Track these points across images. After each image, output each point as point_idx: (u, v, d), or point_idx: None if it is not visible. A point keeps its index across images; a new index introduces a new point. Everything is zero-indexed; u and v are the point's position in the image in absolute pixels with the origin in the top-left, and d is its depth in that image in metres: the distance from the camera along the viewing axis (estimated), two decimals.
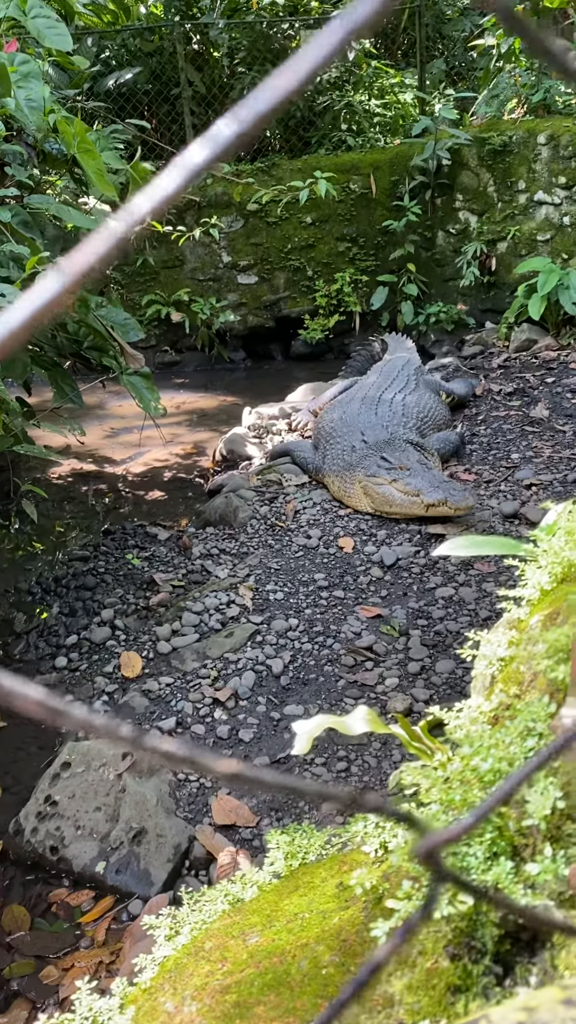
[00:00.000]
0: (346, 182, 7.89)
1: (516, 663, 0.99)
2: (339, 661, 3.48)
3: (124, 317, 4.21)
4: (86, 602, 4.16)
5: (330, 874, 1.02)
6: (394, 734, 1.31)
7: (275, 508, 4.84)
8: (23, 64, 3.74)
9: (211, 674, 3.46)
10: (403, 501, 4.40)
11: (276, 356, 8.70)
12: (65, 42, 4.25)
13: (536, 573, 1.13)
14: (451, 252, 7.95)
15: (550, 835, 0.72)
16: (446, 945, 0.69)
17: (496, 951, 0.69)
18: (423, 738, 1.26)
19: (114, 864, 2.74)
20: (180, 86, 8.35)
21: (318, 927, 0.90)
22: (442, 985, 0.71)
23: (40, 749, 3.38)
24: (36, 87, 3.76)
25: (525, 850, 0.70)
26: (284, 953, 0.87)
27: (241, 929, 0.98)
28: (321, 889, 1.00)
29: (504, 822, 0.73)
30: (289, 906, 1.00)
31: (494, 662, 1.09)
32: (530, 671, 0.93)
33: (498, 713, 1.00)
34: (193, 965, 0.94)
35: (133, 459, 6.39)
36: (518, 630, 1.11)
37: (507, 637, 1.11)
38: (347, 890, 0.95)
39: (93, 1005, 1.06)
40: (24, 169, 3.76)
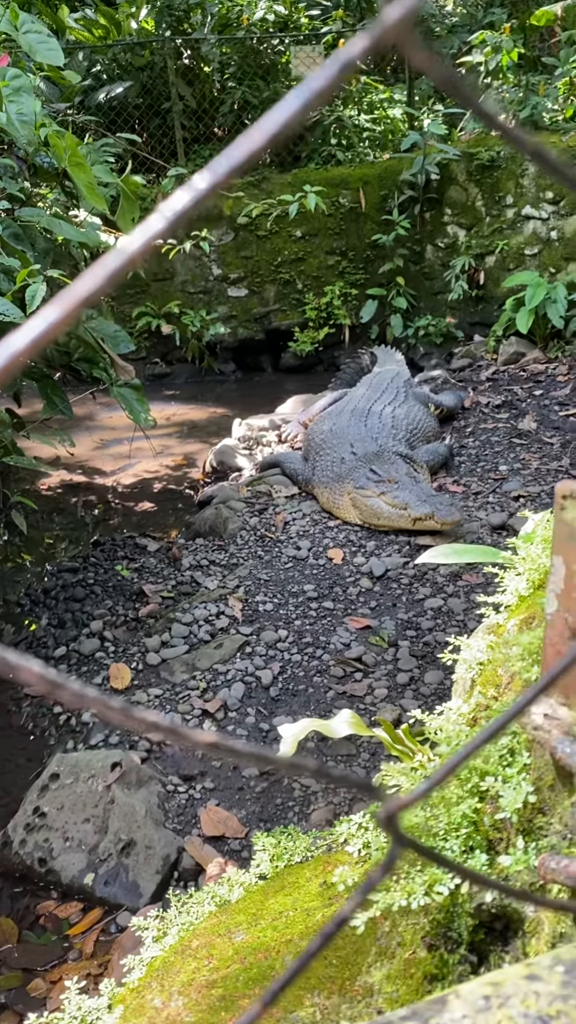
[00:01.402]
0: (336, 196, 7.96)
1: (494, 666, 1.01)
2: (328, 672, 3.49)
3: (115, 329, 4.23)
4: (75, 613, 4.15)
5: (314, 874, 1.03)
6: (377, 737, 1.33)
7: (265, 519, 4.86)
8: (15, 78, 3.77)
9: (200, 685, 3.46)
10: (391, 514, 4.43)
11: (266, 368, 8.73)
12: (56, 57, 4.29)
13: (515, 580, 1.15)
14: (440, 266, 8.02)
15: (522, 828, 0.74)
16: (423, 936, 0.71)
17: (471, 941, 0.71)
18: (405, 740, 1.27)
19: (103, 876, 2.73)
20: (171, 100, 8.42)
21: (302, 924, 0.91)
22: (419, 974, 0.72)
23: (28, 761, 3.37)
24: (27, 101, 3.79)
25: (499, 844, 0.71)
26: (269, 949, 0.88)
27: (227, 928, 0.99)
28: (306, 888, 1.01)
29: (480, 817, 0.75)
30: (274, 905, 1.01)
31: (473, 666, 1.11)
32: (507, 673, 0.95)
33: (476, 714, 1.02)
34: (180, 963, 0.95)
35: (123, 470, 6.40)
36: (496, 635, 1.13)
37: (486, 642, 1.12)
38: (331, 888, 0.96)
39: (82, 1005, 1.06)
40: (15, 182, 3.78)
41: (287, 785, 2.99)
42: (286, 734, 1.40)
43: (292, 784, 3.00)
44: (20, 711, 3.61)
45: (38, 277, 2.97)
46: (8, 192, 3.65)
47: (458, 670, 1.20)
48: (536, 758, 0.75)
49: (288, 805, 2.92)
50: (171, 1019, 0.86)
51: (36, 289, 2.88)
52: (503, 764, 0.75)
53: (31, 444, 5.24)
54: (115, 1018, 0.98)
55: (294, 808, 2.91)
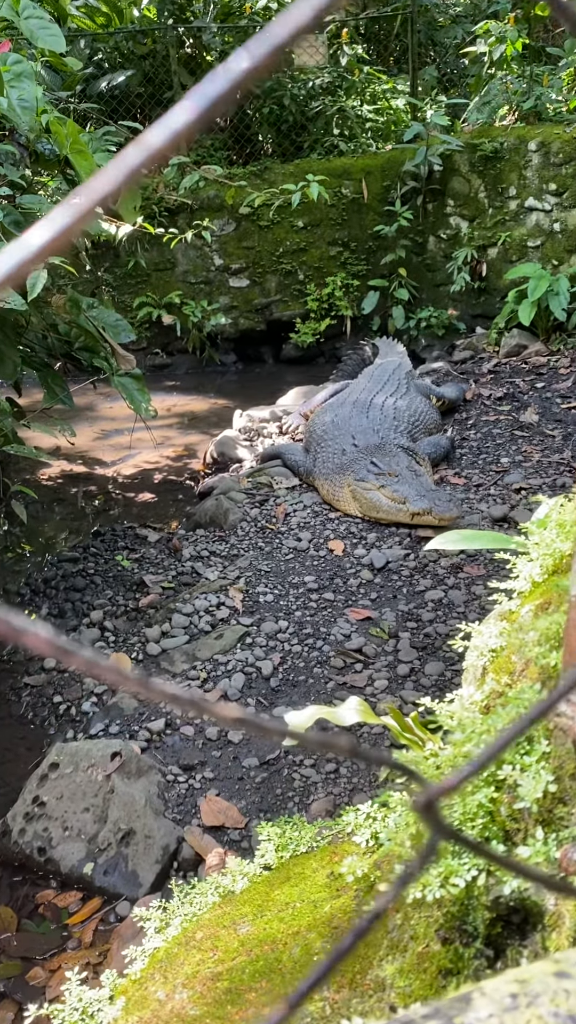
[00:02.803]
0: (338, 187, 7.92)
1: (507, 653, 1.00)
2: (329, 663, 3.48)
3: (115, 318, 4.20)
4: (75, 603, 4.14)
5: (321, 864, 1.02)
6: (386, 725, 1.31)
7: (265, 511, 4.84)
8: (16, 64, 3.74)
9: (201, 676, 3.45)
10: (390, 507, 4.41)
11: (267, 359, 8.70)
12: (58, 43, 4.25)
13: (527, 566, 1.14)
14: (442, 257, 7.98)
15: (541, 819, 0.72)
16: (437, 929, 0.70)
17: (487, 934, 0.70)
18: (414, 728, 1.26)
19: (102, 865, 2.73)
20: (173, 89, 8.36)
21: (309, 915, 0.90)
22: (433, 969, 0.71)
23: (28, 750, 3.36)
24: (29, 87, 3.76)
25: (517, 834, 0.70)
26: (275, 941, 0.87)
27: (232, 919, 0.98)
28: (312, 879, 1.00)
29: (496, 807, 0.73)
30: (280, 896, 1.00)
31: (485, 653, 1.09)
32: (521, 660, 0.94)
33: (489, 702, 1.00)
34: (184, 954, 0.94)
35: (123, 461, 6.38)
36: (509, 621, 1.11)
37: (498, 628, 1.11)
38: (338, 879, 0.95)
39: (83, 996, 1.05)
40: (16, 169, 3.75)
41: (287, 775, 2.99)
42: (292, 722, 1.39)
43: (292, 774, 2.99)
44: (20, 700, 3.60)
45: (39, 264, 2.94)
46: (9, 179, 3.62)
47: (469, 657, 1.19)
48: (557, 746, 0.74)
49: (288, 795, 2.91)
50: (175, 1012, 0.85)
51: (37, 276, 2.86)
52: (520, 752, 0.74)
53: (32, 434, 5.23)
54: (117, 1010, 0.97)
55: (294, 798, 2.90)
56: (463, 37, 10.36)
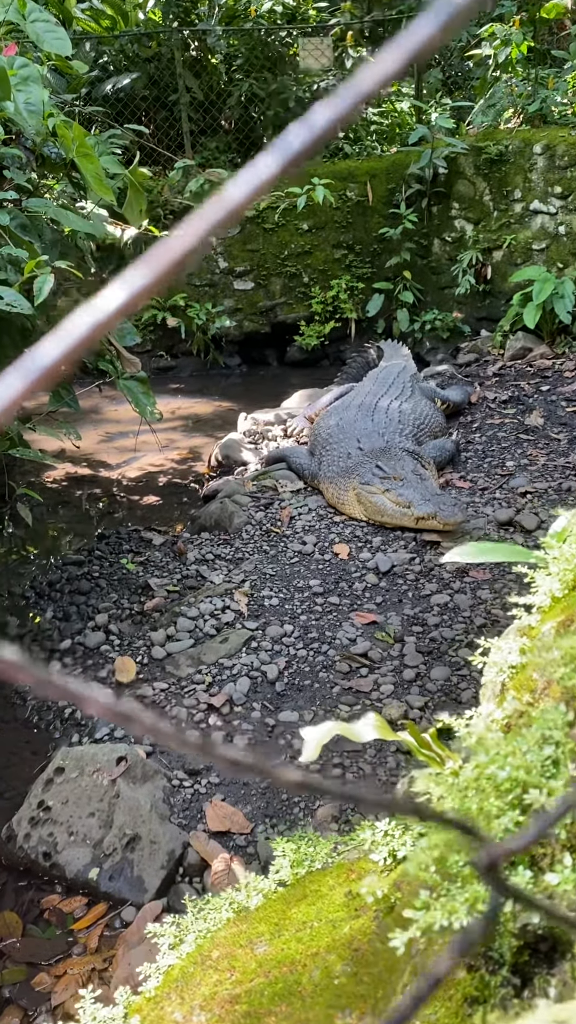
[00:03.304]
0: (343, 189, 7.91)
1: (529, 670, 0.99)
2: (334, 667, 3.47)
3: (121, 322, 4.20)
4: (80, 607, 4.14)
5: (338, 882, 1.01)
6: (403, 741, 1.30)
7: (271, 514, 4.84)
8: (22, 68, 3.74)
9: (206, 680, 3.44)
10: (394, 512, 4.40)
11: (272, 362, 8.70)
12: (64, 46, 4.25)
13: (547, 580, 1.13)
14: (447, 260, 7.97)
15: (569, 844, 0.72)
16: None
17: (514, 962, 0.69)
18: (432, 745, 1.25)
19: (107, 871, 2.72)
20: (178, 92, 8.37)
21: (328, 936, 0.89)
22: (459, 996, 0.70)
23: (33, 754, 3.36)
24: (35, 91, 3.76)
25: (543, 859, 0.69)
26: (294, 962, 0.86)
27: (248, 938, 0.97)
28: (329, 897, 0.99)
29: None
30: (297, 914, 0.99)
31: (505, 669, 1.08)
32: (543, 678, 0.93)
33: (511, 721, 0.99)
34: (200, 974, 0.93)
35: (128, 464, 6.38)
36: (529, 637, 1.10)
37: (518, 644, 1.10)
38: (357, 898, 0.94)
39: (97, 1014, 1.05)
40: (23, 172, 3.75)
41: None
42: (309, 738, 1.38)
43: None
44: (25, 704, 3.60)
45: (46, 268, 2.94)
46: (16, 182, 3.62)
47: (487, 673, 1.18)
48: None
49: (294, 800, 2.91)
50: None
51: (44, 280, 2.86)
52: (546, 775, 0.73)
53: (36, 436, 5.23)
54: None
55: (299, 803, 2.90)
56: (468, 40, 10.36)
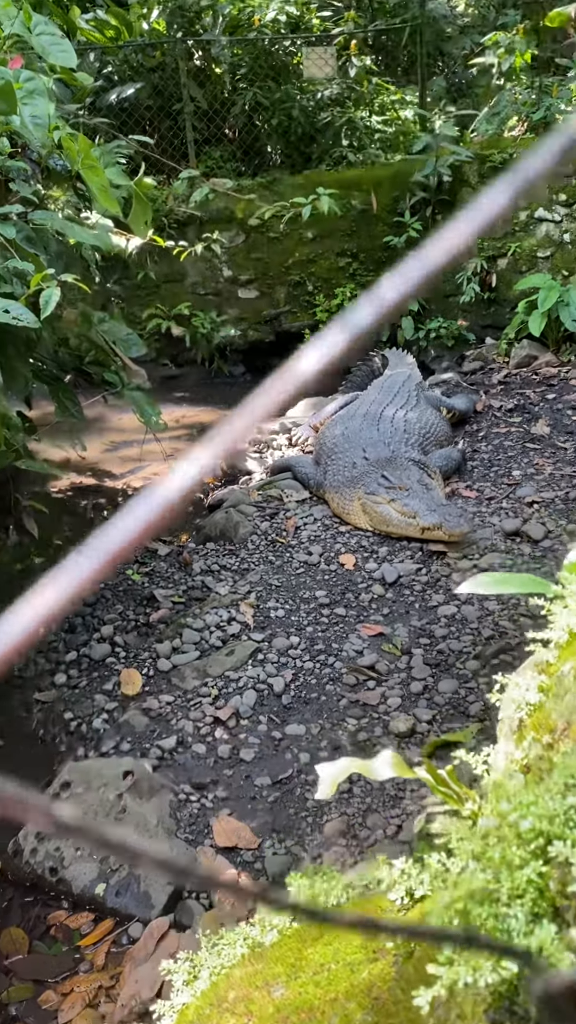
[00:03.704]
0: (347, 198, 7.92)
1: (548, 709, 0.97)
2: (341, 680, 3.46)
3: (126, 333, 4.20)
4: (85, 618, 4.13)
5: None
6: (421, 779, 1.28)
7: (276, 524, 4.83)
8: (28, 81, 3.75)
9: (212, 692, 3.43)
10: (400, 522, 4.39)
11: (276, 370, 8.68)
12: (69, 59, 4.27)
13: (564, 614, 1.11)
14: (451, 268, 7.96)
15: None
16: (486, 1010, 0.67)
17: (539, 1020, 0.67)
18: (450, 782, 1.23)
19: (114, 886, 2.71)
20: (182, 102, 8.39)
21: (346, 981, 0.87)
22: None
23: (39, 767, 3.35)
24: (41, 104, 3.77)
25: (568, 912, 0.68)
26: (312, 1008, 0.85)
27: (265, 979, 0.95)
28: (346, 938, 0.97)
29: (544, 882, 0.71)
30: (314, 955, 0.97)
31: (523, 706, 1.07)
32: (563, 719, 0.91)
33: (530, 762, 0.98)
34: (217, 1017, 0.91)
35: (133, 473, 6.38)
36: (547, 674, 1.08)
37: (536, 681, 1.08)
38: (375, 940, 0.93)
39: None
40: (28, 185, 3.76)
41: (300, 795, 2.97)
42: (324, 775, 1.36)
43: (304, 794, 2.97)
44: (31, 717, 3.59)
45: (52, 282, 2.94)
46: (21, 195, 3.63)
47: (504, 710, 1.16)
48: None
49: (301, 816, 2.89)
50: None
51: (50, 294, 2.86)
52: (569, 826, 0.72)
53: (42, 445, 5.24)
54: None
55: (307, 819, 2.88)
56: (471, 48, 10.38)
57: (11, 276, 3.10)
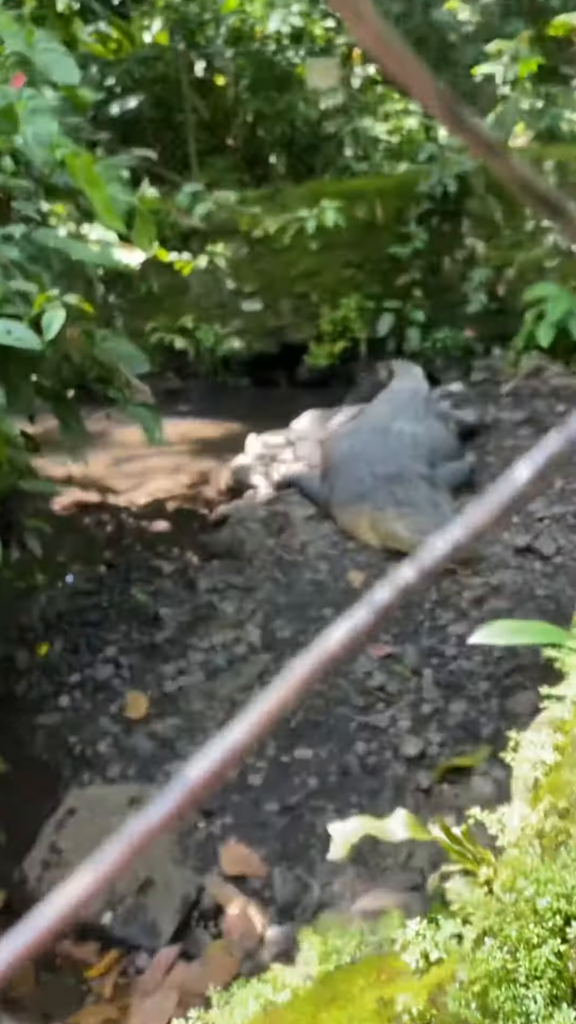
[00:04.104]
0: (351, 208, 7.89)
1: (563, 770, 0.93)
2: (350, 702, 3.40)
3: (129, 350, 4.18)
4: (90, 638, 4.09)
5: (368, 983, 0.96)
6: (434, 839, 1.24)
7: (282, 540, 4.78)
8: (31, 99, 3.73)
9: (218, 715, 3.38)
10: (408, 538, 4.34)
11: (281, 382, 8.66)
12: (72, 75, 4.26)
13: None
14: (458, 278, 7.93)
15: None
16: None
17: None
18: (465, 843, 1.19)
19: (121, 915, 2.66)
20: (184, 113, 8.39)
21: None
22: None
23: (43, 793, 3.30)
24: (43, 122, 3.75)
25: None
26: None
27: None
28: (360, 1002, 0.93)
29: (563, 963, 0.67)
30: (327, 1020, 0.93)
31: (538, 765, 1.02)
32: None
33: (546, 830, 0.93)
34: None
35: (137, 488, 6.33)
36: (563, 732, 1.04)
37: (551, 739, 1.04)
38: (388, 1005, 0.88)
39: None
40: (31, 203, 3.74)
41: (308, 821, 2.91)
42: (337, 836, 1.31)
43: (313, 820, 2.91)
44: (34, 741, 3.55)
45: (55, 303, 2.91)
46: (24, 214, 3.60)
47: (519, 767, 1.11)
48: None
49: (310, 843, 2.84)
50: None
51: (53, 316, 2.83)
52: None
53: (44, 462, 5.20)
54: None
55: (316, 846, 2.82)
56: (476, 56, 10.36)
57: (14, 296, 3.07)
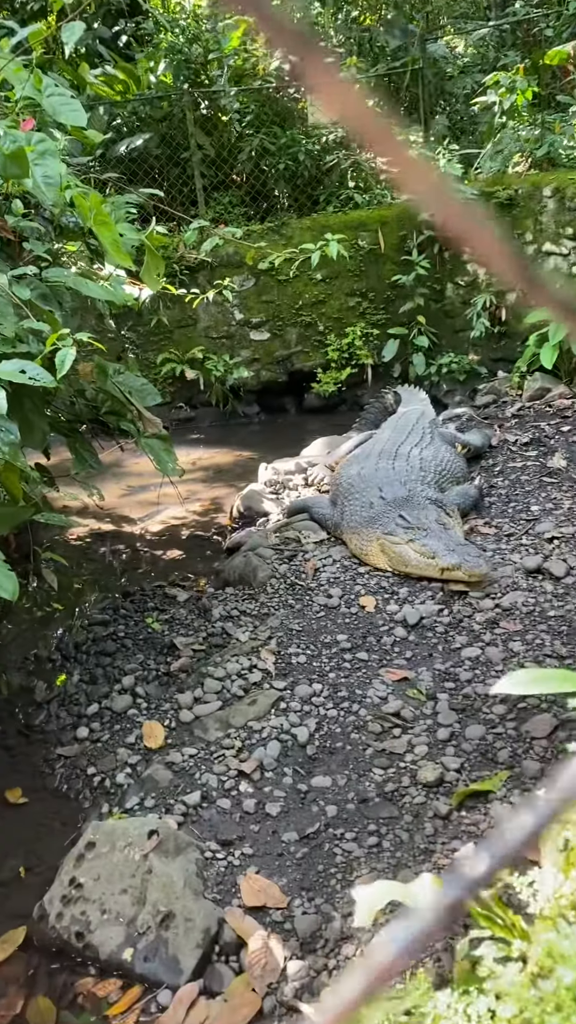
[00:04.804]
0: (355, 239, 8.01)
1: None
2: (366, 728, 3.40)
3: (141, 383, 4.24)
4: (106, 668, 4.11)
5: None
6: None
7: (295, 566, 4.81)
8: (40, 143, 3.83)
9: (235, 744, 3.39)
10: (419, 562, 4.36)
11: (290, 410, 8.75)
12: (80, 118, 4.37)
13: None
14: (461, 303, 8.01)
15: None
16: None
17: None
18: (494, 908, 1.19)
19: (142, 951, 2.65)
20: (190, 150, 8.56)
21: None
22: None
23: (63, 825, 3.31)
24: (52, 164, 3.84)
25: None
26: None
27: None
28: None
29: None
30: None
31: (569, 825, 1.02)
32: None
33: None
34: None
35: (150, 517, 6.39)
36: None
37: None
38: None
39: None
40: (42, 243, 3.82)
41: (328, 850, 2.91)
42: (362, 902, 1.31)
43: (333, 849, 2.91)
44: (54, 773, 3.56)
45: (67, 340, 2.98)
46: (35, 254, 3.68)
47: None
48: None
49: (330, 872, 2.83)
50: None
51: (66, 353, 2.89)
52: None
53: (59, 494, 5.26)
54: None
55: (336, 875, 2.81)
56: (472, 87, 10.53)
57: (27, 335, 3.14)
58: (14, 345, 3.09)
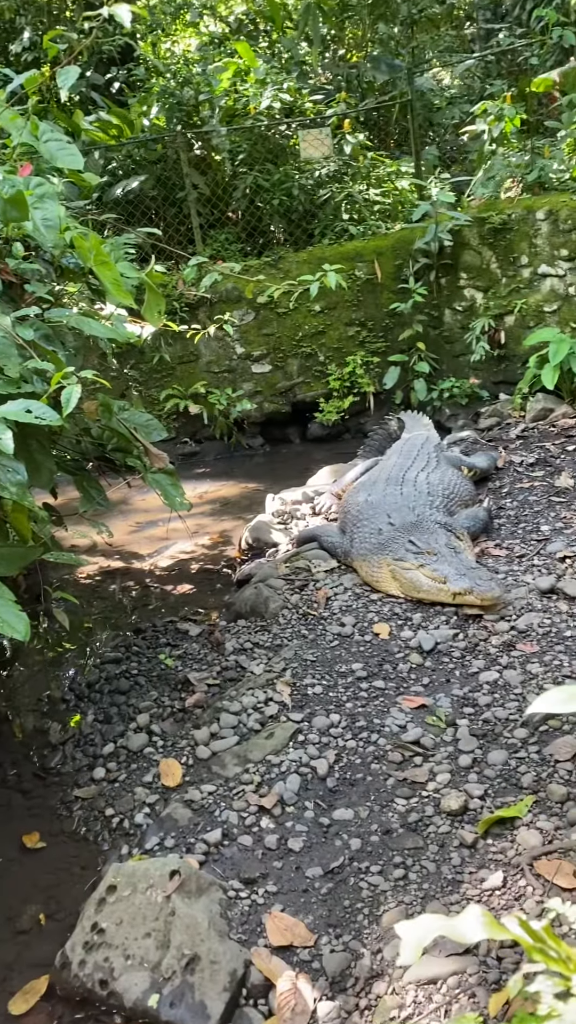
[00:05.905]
0: (351, 269, 8.09)
1: None
2: (386, 758, 3.35)
3: (146, 419, 4.26)
4: (121, 707, 4.07)
5: None
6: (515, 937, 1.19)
7: (306, 596, 4.78)
8: (38, 187, 3.88)
9: (254, 779, 3.33)
10: (430, 587, 4.33)
11: (294, 440, 8.78)
12: (76, 162, 4.43)
13: None
14: (459, 329, 8.06)
15: None
16: None
17: None
18: (548, 940, 1.15)
19: (167, 997, 2.58)
20: (185, 190, 8.69)
21: None
22: None
23: (83, 869, 3.26)
24: (51, 207, 3.89)
25: None
26: None
27: None
28: None
29: None
30: None
31: None
32: None
33: None
34: None
35: (159, 553, 6.38)
36: None
37: None
38: None
39: None
40: (43, 284, 3.86)
41: (354, 885, 2.84)
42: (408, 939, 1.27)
43: (359, 883, 2.84)
44: (71, 815, 3.51)
45: (72, 379, 2.99)
46: (37, 295, 3.72)
47: None
48: None
49: (356, 907, 2.76)
50: None
51: (71, 391, 2.90)
52: None
53: (67, 532, 5.26)
54: None
55: (363, 910, 2.75)
56: (460, 117, 10.71)
57: (32, 375, 3.15)
58: (19, 385, 3.10)
